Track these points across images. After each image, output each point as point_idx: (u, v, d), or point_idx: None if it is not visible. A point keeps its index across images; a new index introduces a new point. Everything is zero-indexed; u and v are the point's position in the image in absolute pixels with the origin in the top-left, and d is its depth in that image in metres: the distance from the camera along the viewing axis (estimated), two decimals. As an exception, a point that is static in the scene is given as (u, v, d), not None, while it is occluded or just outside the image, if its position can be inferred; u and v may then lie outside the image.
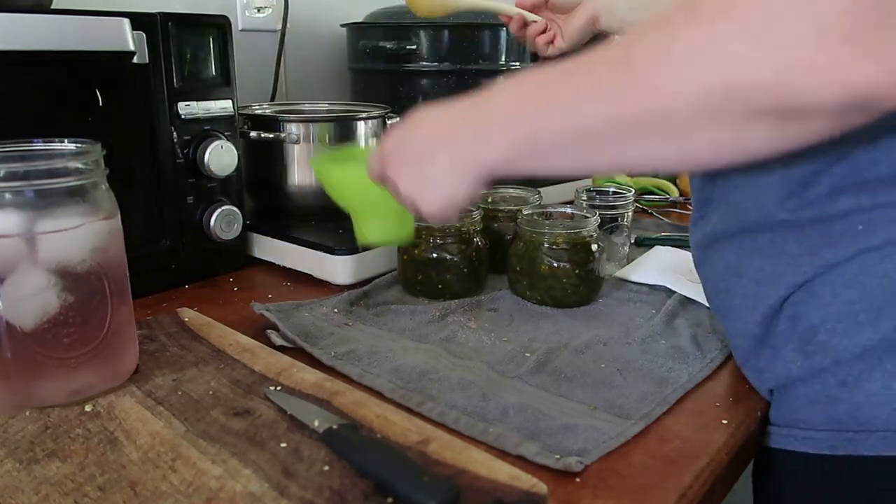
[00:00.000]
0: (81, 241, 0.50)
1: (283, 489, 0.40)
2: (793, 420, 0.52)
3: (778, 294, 0.50)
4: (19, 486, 0.41)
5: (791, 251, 0.49)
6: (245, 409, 0.49)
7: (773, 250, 0.50)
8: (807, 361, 0.49)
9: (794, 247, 0.49)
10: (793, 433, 0.51)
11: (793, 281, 0.49)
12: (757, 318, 0.52)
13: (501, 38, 1.11)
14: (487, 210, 0.80)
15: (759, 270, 0.52)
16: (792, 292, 0.49)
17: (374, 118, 0.93)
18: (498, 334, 0.65)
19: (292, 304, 0.70)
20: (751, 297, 0.52)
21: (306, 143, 0.88)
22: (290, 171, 0.89)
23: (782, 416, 0.53)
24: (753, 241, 0.52)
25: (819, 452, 0.49)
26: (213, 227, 0.78)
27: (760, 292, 0.51)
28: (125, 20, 0.67)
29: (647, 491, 0.44)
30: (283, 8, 1.10)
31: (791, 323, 0.50)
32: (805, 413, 0.50)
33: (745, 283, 0.53)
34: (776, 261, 0.50)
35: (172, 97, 0.74)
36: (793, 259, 0.49)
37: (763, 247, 0.51)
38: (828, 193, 0.47)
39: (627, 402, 0.53)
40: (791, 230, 0.49)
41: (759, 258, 0.51)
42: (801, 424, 0.51)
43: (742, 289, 0.53)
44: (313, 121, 0.89)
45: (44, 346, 0.49)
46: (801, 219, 0.48)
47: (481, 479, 0.40)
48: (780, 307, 0.50)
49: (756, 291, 0.52)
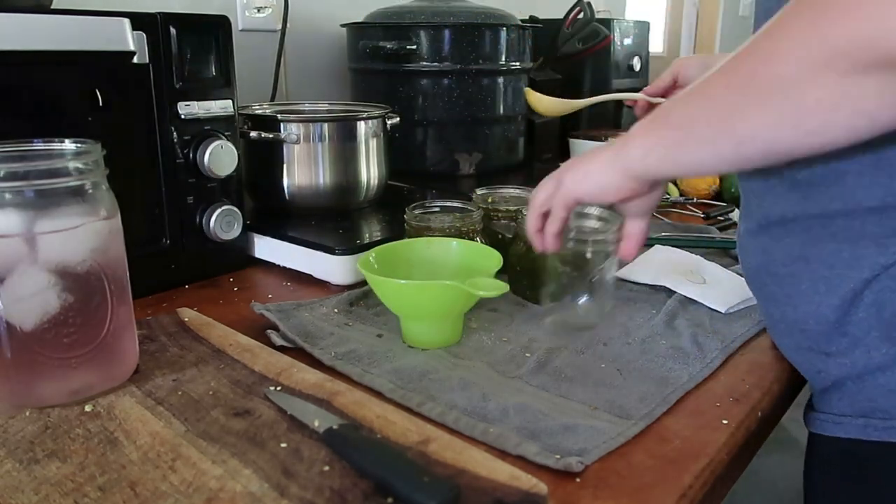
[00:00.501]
0: (81, 241, 0.50)
1: (283, 489, 0.40)
2: (870, 410, 0.50)
3: (862, 277, 0.49)
4: (19, 486, 0.41)
5: (872, 233, 0.48)
6: (245, 410, 0.49)
7: (849, 234, 0.50)
8: (892, 349, 0.48)
9: (874, 229, 0.48)
10: (872, 423, 0.50)
11: (877, 262, 0.48)
12: (834, 302, 0.50)
13: (501, 38, 1.11)
14: (487, 210, 0.79)
15: (834, 254, 0.50)
16: (877, 274, 0.48)
17: (374, 118, 0.93)
18: (498, 334, 0.65)
19: (292, 304, 0.70)
20: (824, 282, 0.51)
21: (306, 143, 0.88)
22: (289, 171, 0.89)
23: (855, 405, 0.51)
24: (825, 228, 0.51)
25: None
26: (213, 227, 0.78)
27: (836, 276, 0.50)
28: (125, 20, 0.67)
29: (647, 491, 0.44)
30: (283, 8, 1.10)
31: (875, 310, 0.49)
32: (886, 402, 0.50)
33: (816, 267, 0.52)
34: (855, 244, 0.49)
35: (172, 97, 0.74)
36: (874, 241, 0.48)
37: (837, 231, 0.50)
38: None
39: (627, 402, 0.53)
40: (871, 214, 0.48)
41: (834, 242, 0.50)
42: (881, 414, 0.50)
43: (811, 273, 0.52)
44: (313, 121, 0.89)
45: (44, 346, 0.49)
46: (887, 205, 0.48)
47: (481, 479, 0.40)
48: (861, 292, 0.49)
49: (830, 275, 0.51)
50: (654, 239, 0.91)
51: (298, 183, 0.89)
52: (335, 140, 0.90)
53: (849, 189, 0.49)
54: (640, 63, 1.58)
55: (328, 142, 0.90)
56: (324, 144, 0.89)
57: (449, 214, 0.75)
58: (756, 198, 0.57)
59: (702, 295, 0.72)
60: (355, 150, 0.92)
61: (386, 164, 0.96)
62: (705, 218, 1.09)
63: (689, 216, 1.11)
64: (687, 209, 1.13)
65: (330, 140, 0.90)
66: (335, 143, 0.90)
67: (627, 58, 1.54)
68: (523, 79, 1.19)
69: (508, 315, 0.70)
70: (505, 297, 0.74)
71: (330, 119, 0.91)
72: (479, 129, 1.15)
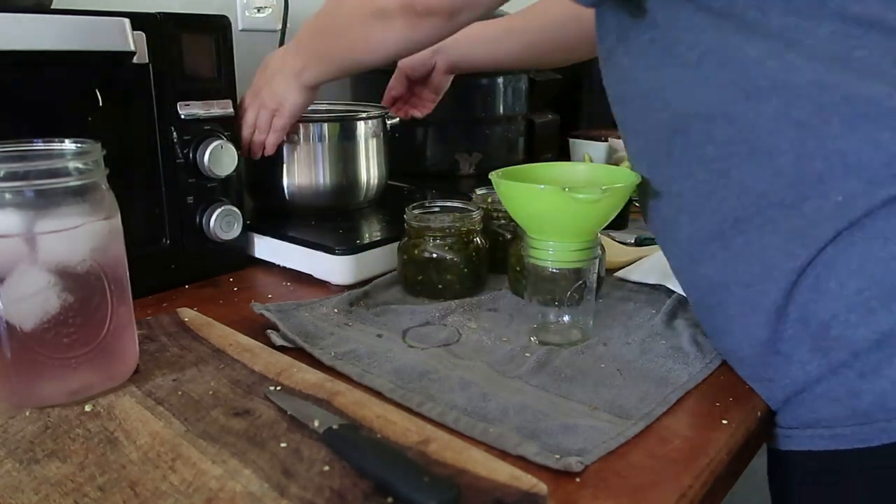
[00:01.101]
0: (81, 241, 0.50)
1: (283, 489, 0.40)
2: (813, 420, 0.51)
3: (779, 287, 0.49)
4: (19, 486, 0.41)
5: (773, 243, 0.49)
6: (245, 409, 0.49)
7: (751, 249, 0.50)
8: (824, 360, 0.49)
9: (773, 239, 0.49)
10: (818, 433, 0.51)
11: (789, 268, 0.49)
12: (761, 320, 0.51)
13: (501, 38, 1.11)
14: (487, 210, 0.80)
15: (746, 272, 0.51)
16: (794, 281, 0.49)
17: (374, 118, 0.93)
18: (498, 334, 0.65)
19: (292, 304, 0.70)
20: (747, 303, 0.52)
21: (306, 143, 0.88)
22: (289, 171, 0.89)
23: (799, 418, 0.52)
24: (727, 249, 0.52)
25: (851, 447, 0.49)
26: (213, 227, 0.78)
27: (755, 293, 0.51)
28: (125, 20, 0.67)
29: (647, 491, 0.44)
30: (283, 8, 1.10)
31: (801, 325, 0.50)
32: (827, 411, 0.50)
33: (735, 290, 0.52)
34: (760, 256, 0.50)
35: (172, 97, 0.74)
36: (779, 248, 0.49)
37: (739, 250, 0.51)
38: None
39: (627, 402, 0.53)
40: (767, 222, 0.49)
41: (742, 261, 0.51)
42: (825, 423, 0.50)
43: (734, 298, 0.53)
44: (313, 121, 0.89)
45: (44, 346, 0.49)
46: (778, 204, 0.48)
47: (481, 479, 0.40)
48: (785, 307, 0.50)
49: (750, 294, 0.51)
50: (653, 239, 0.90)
51: (298, 183, 0.89)
52: (335, 140, 0.90)
53: (732, 195, 0.50)
54: (640, 63, 1.57)
55: (328, 142, 0.90)
56: (323, 144, 0.89)
57: (449, 214, 0.75)
58: (668, 231, 0.58)
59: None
60: (355, 149, 0.92)
61: (386, 164, 0.96)
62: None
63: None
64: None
65: (329, 140, 0.90)
66: (335, 142, 0.90)
67: (627, 58, 1.54)
68: (523, 79, 1.19)
69: (508, 315, 0.70)
70: (505, 297, 0.74)
71: (330, 119, 0.91)
72: (479, 129, 1.15)
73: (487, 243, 0.76)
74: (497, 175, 0.64)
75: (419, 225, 0.73)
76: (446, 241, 0.73)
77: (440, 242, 0.73)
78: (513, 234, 0.79)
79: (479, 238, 0.75)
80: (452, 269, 0.73)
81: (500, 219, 0.81)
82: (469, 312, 0.70)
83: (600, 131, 1.41)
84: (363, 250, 0.78)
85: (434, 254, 0.73)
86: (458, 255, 0.73)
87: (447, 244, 0.73)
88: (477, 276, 0.75)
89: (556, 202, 0.58)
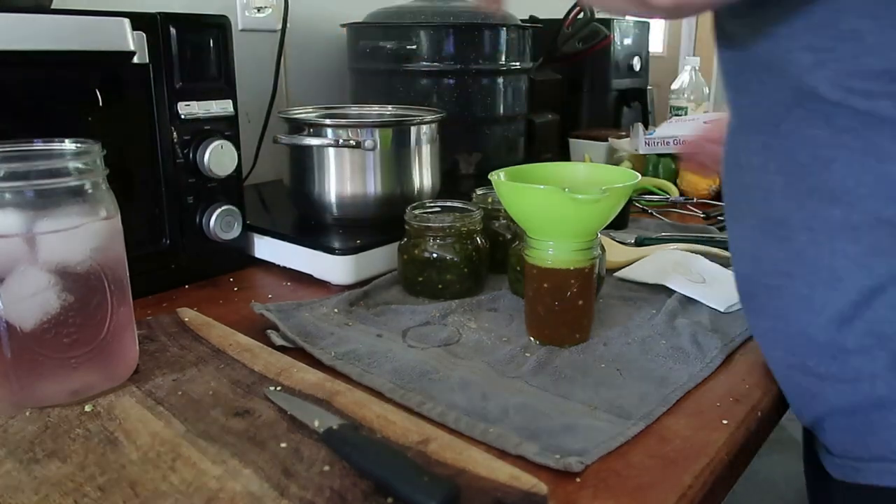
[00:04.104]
0: (81, 241, 0.50)
1: (283, 489, 0.40)
2: (889, 452, 0.47)
3: (848, 299, 0.46)
4: (19, 486, 0.41)
5: (850, 253, 0.45)
6: (245, 409, 0.49)
7: (820, 250, 0.47)
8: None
9: (850, 248, 0.45)
10: (891, 468, 0.46)
11: (863, 284, 0.45)
12: (821, 322, 0.47)
13: (501, 38, 1.11)
14: (487, 210, 0.79)
15: (813, 273, 0.47)
16: (865, 296, 0.45)
17: (427, 123, 0.88)
18: (498, 334, 0.65)
19: (292, 304, 0.70)
20: (807, 301, 0.48)
21: (358, 149, 0.81)
22: (339, 178, 0.83)
23: (867, 447, 0.48)
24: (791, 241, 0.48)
25: None
26: (213, 227, 0.78)
27: (819, 296, 0.47)
28: (125, 20, 0.67)
29: (647, 491, 0.44)
30: (283, 8, 1.10)
31: (876, 339, 0.45)
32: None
33: (799, 285, 0.49)
34: (829, 262, 0.46)
35: (172, 97, 0.74)
36: (854, 260, 0.45)
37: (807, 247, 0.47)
38: None
39: (627, 402, 0.53)
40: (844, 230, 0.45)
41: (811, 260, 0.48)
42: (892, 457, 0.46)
43: (795, 291, 0.49)
44: (365, 126, 0.83)
45: (44, 346, 0.49)
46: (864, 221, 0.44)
47: (481, 479, 0.41)
48: (851, 319, 0.46)
49: (812, 295, 0.48)
50: (653, 239, 0.91)
51: (352, 192, 0.84)
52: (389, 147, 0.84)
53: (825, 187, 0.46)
54: (640, 63, 1.58)
55: (388, 147, 0.83)
56: (376, 151, 0.82)
57: (449, 214, 0.75)
58: (745, 194, 0.53)
59: (702, 294, 0.72)
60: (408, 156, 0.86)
61: (440, 172, 0.92)
62: (705, 218, 1.09)
63: (689, 216, 1.11)
64: (687, 209, 1.13)
65: (382, 146, 0.83)
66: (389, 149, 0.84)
67: (627, 58, 1.54)
68: (523, 79, 1.19)
69: (508, 315, 0.70)
70: (505, 297, 0.74)
71: (383, 125, 0.84)
72: (479, 129, 1.15)
73: (487, 243, 0.76)
74: (497, 175, 0.64)
75: (419, 225, 0.73)
76: (446, 242, 0.73)
77: (440, 242, 0.73)
78: (513, 234, 0.79)
79: (479, 238, 0.75)
80: (452, 269, 0.73)
81: (500, 219, 0.81)
82: (469, 312, 0.70)
83: (600, 131, 1.41)
84: (363, 250, 0.78)
85: (434, 254, 0.73)
86: (458, 255, 0.73)
87: (447, 244, 0.73)
88: (477, 276, 0.75)
89: (556, 202, 0.58)
